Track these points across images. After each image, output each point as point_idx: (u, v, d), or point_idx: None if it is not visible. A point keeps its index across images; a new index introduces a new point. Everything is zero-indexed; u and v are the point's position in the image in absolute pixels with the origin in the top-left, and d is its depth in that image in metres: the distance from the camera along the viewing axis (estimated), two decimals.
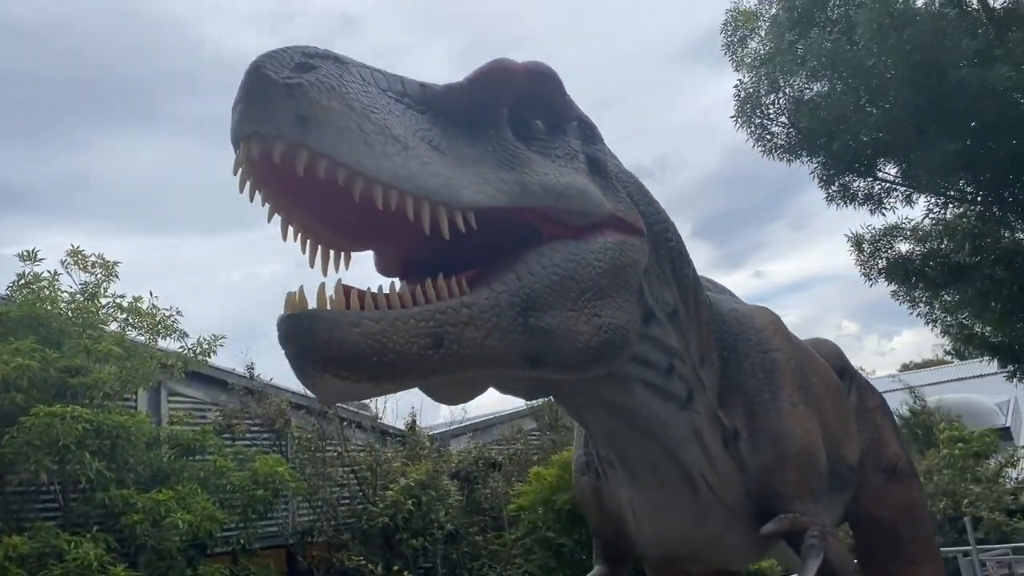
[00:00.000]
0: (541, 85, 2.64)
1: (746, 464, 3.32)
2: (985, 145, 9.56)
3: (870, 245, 12.87)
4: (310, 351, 1.94)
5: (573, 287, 2.42)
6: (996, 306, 10.49)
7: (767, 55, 10.91)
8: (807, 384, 3.68)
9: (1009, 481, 18.87)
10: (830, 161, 10.80)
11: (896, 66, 9.17)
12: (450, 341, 2.10)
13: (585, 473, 3.73)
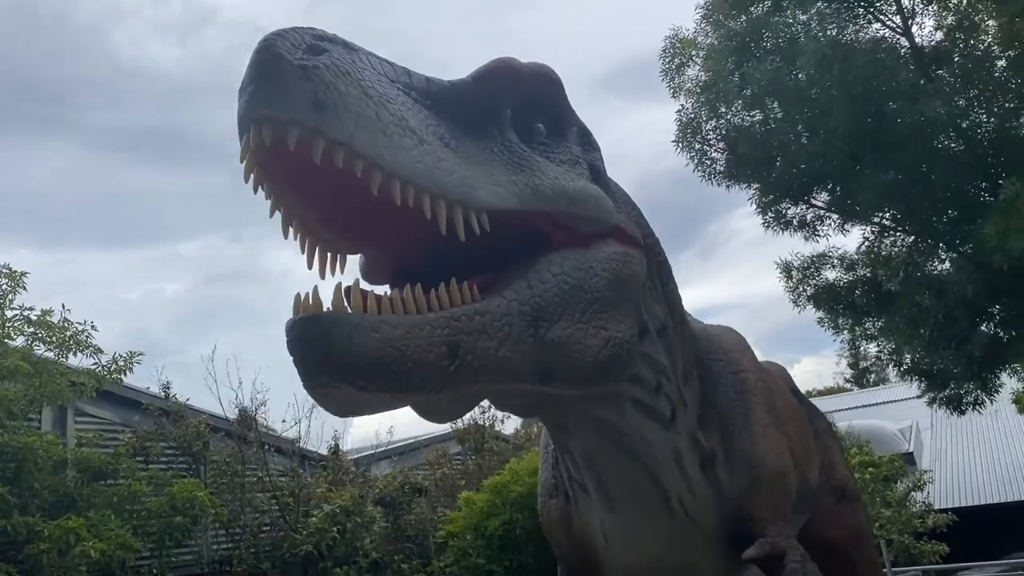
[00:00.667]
0: (544, 88, 2.56)
1: (722, 487, 3.28)
2: (918, 177, 9.91)
3: (799, 272, 13.22)
4: (327, 358, 1.78)
5: (582, 298, 2.34)
6: (924, 333, 10.85)
7: (707, 82, 11.09)
8: (774, 406, 3.67)
9: (916, 504, 19.60)
10: (767, 188, 11.02)
11: (837, 96, 9.43)
12: (464, 351, 1.97)
13: (553, 496, 3.61)
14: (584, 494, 3.35)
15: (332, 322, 1.80)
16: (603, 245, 2.51)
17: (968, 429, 27.28)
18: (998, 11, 9.87)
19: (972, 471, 26.21)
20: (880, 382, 48.34)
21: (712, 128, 11.14)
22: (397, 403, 2.04)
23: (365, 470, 15.60)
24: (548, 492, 3.66)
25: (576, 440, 2.98)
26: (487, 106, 2.31)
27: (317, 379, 1.81)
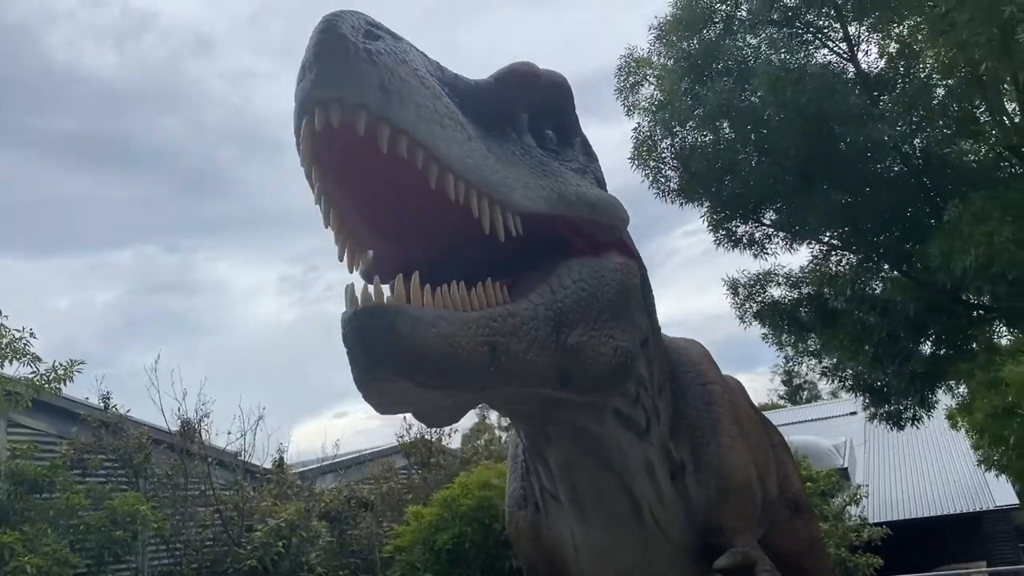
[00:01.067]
0: (557, 96, 2.60)
1: (691, 498, 3.32)
2: (865, 199, 10.22)
3: (745, 289, 13.49)
4: (389, 350, 1.75)
5: (595, 305, 2.35)
6: (868, 350, 11.15)
7: (662, 101, 11.28)
8: (739, 418, 3.73)
9: (851, 518, 20.04)
10: (718, 206, 11.24)
11: (789, 119, 9.68)
12: (500, 352, 1.97)
13: (522, 507, 3.59)
14: (555, 504, 3.33)
15: (397, 313, 1.78)
16: (611, 255, 2.55)
17: (899, 445, 28.08)
18: (937, 41, 10.25)
19: (904, 486, 26.96)
20: (813, 399, 49.40)
21: (667, 146, 11.35)
22: (446, 400, 2.02)
23: (311, 484, 15.35)
24: (517, 503, 3.64)
25: (555, 449, 2.96)
26: (506, 108, 2.32)
27: (376, 372, 1.78)
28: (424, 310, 1.82)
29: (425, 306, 1.84)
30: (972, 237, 8.40)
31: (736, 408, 3.72)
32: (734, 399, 3.81)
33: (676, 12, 12.35)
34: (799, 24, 12.07)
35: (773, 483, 4.34)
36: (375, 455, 19.09)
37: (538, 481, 3.42)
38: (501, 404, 2.68)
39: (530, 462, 3.42)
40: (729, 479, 3.34)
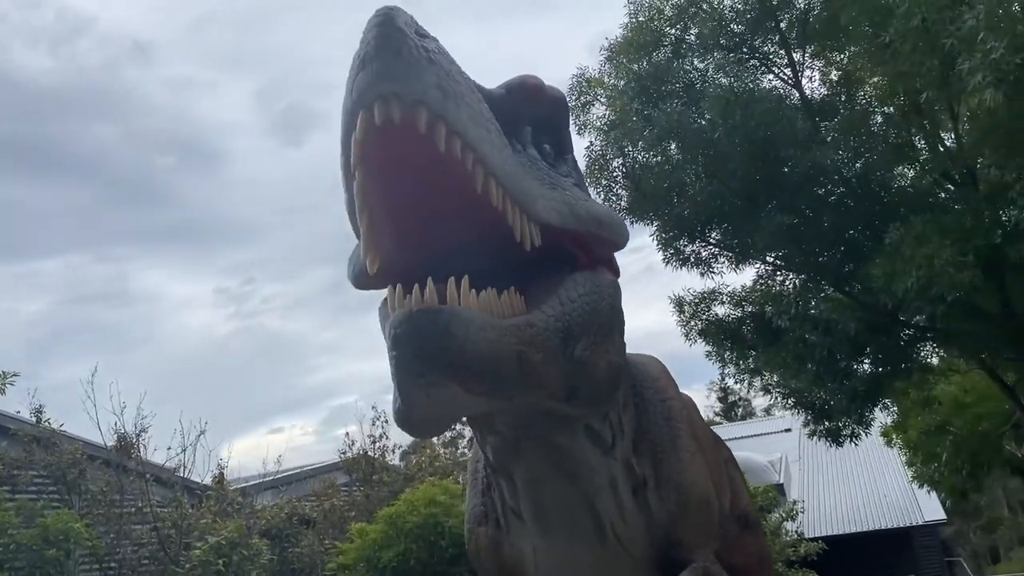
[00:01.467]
0: (558, 111, 2.63)
1: (652, 513, 3.33)
2: (809, 221, 10.50)
3: (690, 307, 13.72)
4: (444, 353, 1.72)
5: (594, 321, 2.37)
6: (811, 368, 11.42)
7: (613, 121, 11.44)
8: (697, 434, 3.78)
9: (788, 534, 20.41)
10: (668, 225, 11.42)
11: (737, 141, 9.89)
12: (524, 362, 1.96)
13: (483, 524, 3.56)
14: (517, 520, 3.32)
15: (453, 315, 1.75)
16: (603, 272, 2.57)
17: (833, 462, 28.71)
18: (878, 70, 10.62)
19: (838, 502, 27.55)
20: (748, 415, 50.20)
21: (618, 165, 11.51)
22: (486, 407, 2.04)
23: (252, 500, 15.03)
24: (477, 520, 3.61)
25: (523, 464, 2.94)
26: (513, 119, 2.32)
27: (429, 376, 1.74)
28: (475, 314, 1.80)
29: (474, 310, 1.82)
30: (913, 259, 8.69)
31: (693, 424, 3.77)
32: (691, 415, 3.86)
33: (627, 34, 12.55)
34: (745, 50, 12.38)
35: (726, 498, 4.42)
36: (316, 471, 18.82)
37: (500, 497, 3.40)
38: (504, 415, 2.63)
39: (492, 478, 3.40)
40: (689, 494, 3.37)
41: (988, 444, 13.52)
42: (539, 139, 2.52)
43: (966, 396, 14.37)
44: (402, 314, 1.77)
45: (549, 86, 2.51)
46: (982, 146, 9.26)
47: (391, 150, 1.80)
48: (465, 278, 1.87)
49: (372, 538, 12.27)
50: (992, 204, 9.55)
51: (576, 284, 2.30)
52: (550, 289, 2.22)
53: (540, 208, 2.09)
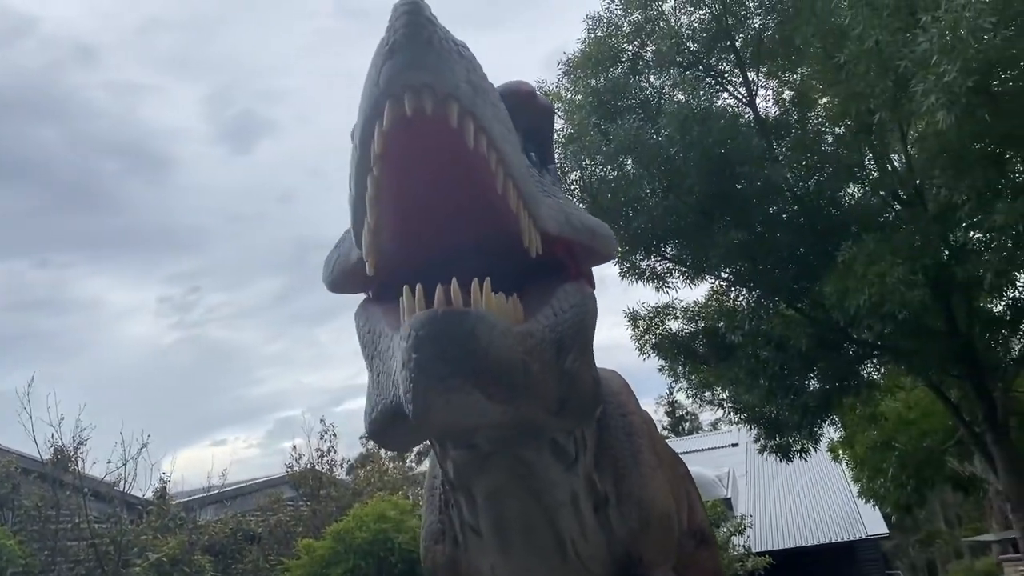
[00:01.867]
0: (545, 121, 2.60)
1: (613, 529, 3.30)
2: (763, 238, 10.62)
3: (644, 321, 13.80)
4: (467, 357, 1.66)
5: (582, 333, 2.32)
6: (763, 383, 11.53)
7: (571, 135, 11.48)
8: (657, 449, 3.77)
9: (736, 548, 20.61)
10: (624, 239, 11.46)
11: (695, 157, 9.97)
12: (528, 370, 1.90)
13: (439, 541, 3.50)
14: (476, 538, 3.26)
15: (479, 319, 1.69)
16: (585, 284, 2.54)
17: (779, 476, 29.12)
18: (831, 90, 10.81)
19: (785, 516, 27.93)
20: (695, 430, 50.70)
21: (576, 179, 11.53)
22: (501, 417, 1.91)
23: (195, 515, 14.64)
24: (434, 537, 3.55)
25: (486, 479, 2.91)
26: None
27: (450, 380, 1.67)
28: (498, 319, 1.74)
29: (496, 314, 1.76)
30: (865, 277, 8.82)
31: (654, 439, 3.74)
32: (651, 431, 3.83)
33: (585, 50, 12.63)
34: (701, 68, 12.53)
35: (684, 514, 4.40)
36: (262, 485, 18.44)
37: (458, 514, 3.32)
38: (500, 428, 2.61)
39: (451, 494, 3.33)
40: (651, 510, 3.34)
41: (932, 460, 13.80)
42: (527, 147, 2.47)
43: (910, 412, 14.66)
44: (426, 315, 1.69)
45: (540, 95, 2.47)
46: (932, 167, 9.47)
47: (412, 145, 1.72)
48: (487, 281, 1.81)
49: (320, 554, 12.03)
50: (940, 224, 9.76)
51: (567, 295, 2.25)
52: (543, 299, 2.16)
53: (544, 214, 2.04)
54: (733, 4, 12.33)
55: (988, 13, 7.44)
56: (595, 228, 2.43)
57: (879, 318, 9.26)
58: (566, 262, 2.34)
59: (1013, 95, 8.33)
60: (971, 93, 7.59)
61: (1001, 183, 8.94)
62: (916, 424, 14.38)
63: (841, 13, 9.19)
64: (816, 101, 12.32)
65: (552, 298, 2.17)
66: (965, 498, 29.16)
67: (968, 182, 8.67)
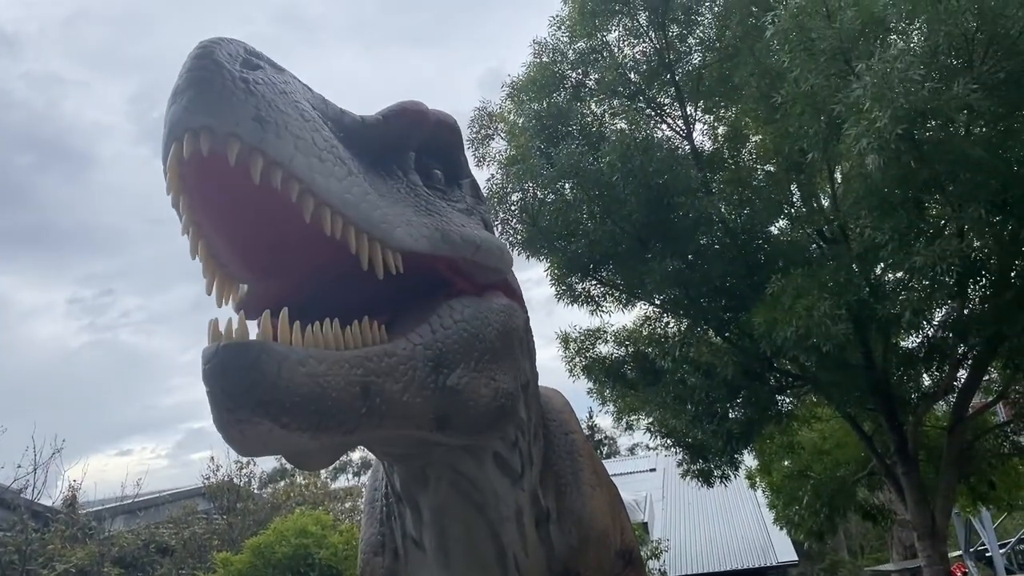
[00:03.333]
0: (446, 136, 2.64)
1: (553, 546, 3.37)
2: (696, 267, 10.91)
3: (575, 343, 13.97)
4: (252, 389, 1.67)
5: (477, 346, 2.36)
6: (690, 408, 11.79)
7: (513, 156, 11.61)
8: (597, 468, 3.86)
9: (653, 572, 20.87)
10: (561, 262, 11.61)
11: (634, 185, 10.20)
12: (374, 393, 1.92)
13: (379, 554, 3.51)
14: (418, 551, 3.27)
15: (262, 350, 1.69)
16: (494, 297, 2.56)
17: (694, 502, 29.65)
18: (766, 129, 11.21)
19: (700, 541, 28.42)
20: (612, 455, 51.18)
21: (517, 200, 11.64)
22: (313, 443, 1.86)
23: (108, 525, 14.13)
24: (373, 550, 3.54)
25: (430, 492, 2.93)
26: (393, 146, 2.32)
27: (238, 413, 1.68)
28: (292, 348, 1.75)
29: (294, 344, 1.77)
30: (793, 310, 9.14)
31: (593, 459, 3.83)
32: (591, 450, 3.92)
33: (530, 73, 12.81)
34: (642, 99, 12.84)
35: (618, 533, 4.49)
36: (176, 496, 17.93)
37: (401, 526, 3.33)
38: (377, 445, 2.59)
39: (394, 506, 3.33)
40: (590, 527, 3.40)
41: (844, 489, 14.26)
42: (428, 164, 2.51)
43: (825, 443, 15.14)
44: (210, 350, 1.73)
45: (434, 111, 2.49)
46: (858, 208, 9.88)
47: (220, 183, 1.76)
48: (284, 311, 1.82)
49: (237, 568, 11.74)
50: (862, 262, 10.19)
51: (452, 310, 2.29)
52: (421, 317, 2.19)
53: (400, 234, 2.07)
54: (675, 39, 12.72)
55: (917, 65, 7.87)
56: (479, 243, 2.45)
57: (804, 349, 9.59)
58: (452, 279, 2.39)
59: (936, 143, 8.79)
60: (899, 139, 7.99)
61: (921, 226, 9.39)
62: (830, 454, 14.86)
63: (779, 56, 9.59)
64: (749, 138, 12.75)
65: (432, 315, 2.21)
66: (873, 527, 30.10)
67: (891, 224, 9.07)
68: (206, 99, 1.68)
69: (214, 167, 1.70)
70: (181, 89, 1.70)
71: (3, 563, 11.67)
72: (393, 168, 2.29)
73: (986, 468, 13.51)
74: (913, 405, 12.42)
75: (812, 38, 9.03)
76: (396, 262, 2.01)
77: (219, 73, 1.69)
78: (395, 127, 2.30)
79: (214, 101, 1.68)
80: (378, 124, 2.25)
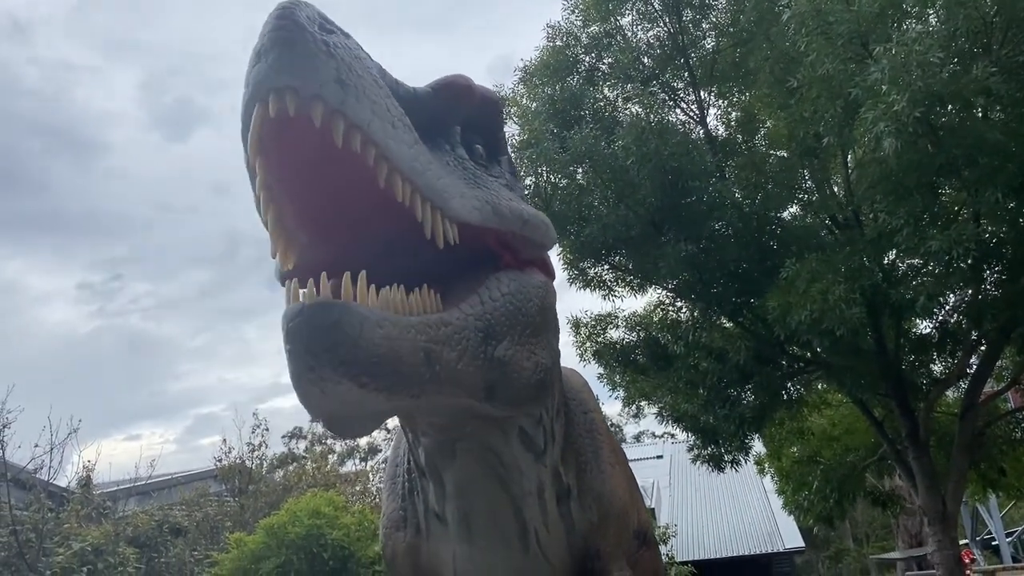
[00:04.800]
0: (490, 112, 2.68)
1: (573, 522, 3.42)
2: (710, 252, 10.93)
3: (586, 328, 14.02)
4: (335, 348, 1.70)
5: (520, 320, 2.39)
6: (702, 393, 11.83)
7: (527, 140, 11.63)
8: (616, 447, 3.90)
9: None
10: (574, 247, 11.65)
11: (649, 170, 10.21)
12: (434, 359, 1.96)
13: (400, 529, 3.56)
14: (439, 525, 3.32)
15: (345, 311, 1.73)
16: (534, 272, 2.60)
17: (701, 489, 29.77)
18: (780, 114, 11.20)
19: (707, 528, 28.53)
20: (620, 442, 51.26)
21: (530, 184, 11.66)
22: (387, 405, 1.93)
23: (123, 506, 14.28)
24: (395, 525, 3.59)
25: (456, 467, 2.97)
26: (441, 119, 2.35)
27: (320, 371, 1.71)
28: (371, 310, 1.78)
29: (371, 306, 1.80)
30: (808, 294, 9.15)
31: (611, 438, 3.87)
32: (608, 429, 3.96)
33: (543, 57, 12.81)
34: (656, 84, 12.83)
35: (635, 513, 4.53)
36: (189, 479, 18.09)
37: (423, 501, 3.38)
38: (427, 415, 2.62)
39: (417, 481, 3.38)
40: (610, 504, 3.45)
41: (854, 475, 14.32)
42: (471, 139, 2.54)
43: (835, 429, 15.19)
44: (294, 308, 1.75)
45: (480, 86, 2.52)
46: (873, 193, 9.88)
47: (297, 145, 1.78)
48: (362, 273, 1.85)
49: (251, 548, 11.85)
50: (876, 247, 10.19)
51: (500, 283, 2.32)
52: (471, 288, 2.22)
53: (457, 205, 2.10)
54: (688, 24, 12.70)
55: (936, 48, 7.85)
56: (527, 217, 2.50)
57: (818, 334, 9.62)
58: (499, 252, 2.42)
59: (952, 128, 8.78)
60: (916, 123, 7.98)
61: (936, 211, 9.38)
62: (840, 440, 14.91)
63: (795, 40, 9.57)
64: (763, 123, 12.74)
65: (481, 287, 2.24)
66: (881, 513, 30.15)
67: (906, 208, 9.07)
68: (291, 60, 1.69)
69: (287, 129, 1.73)
70: (266, 49, 1.71)
71: (20, 541, 11.80)
72: (440, 141, 2.32)
73: (997, 454, 13.55)
74: (925, 391, 12.45)
75: (829, 22, 9.01)
76: (453, 233, 2.04)
77: (302, 35, 1.70)
78: (443, 100, 2.33)
79: (298, 62, 1.69)
80: (428, 96, 2.28)
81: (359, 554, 11.54)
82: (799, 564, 35.66)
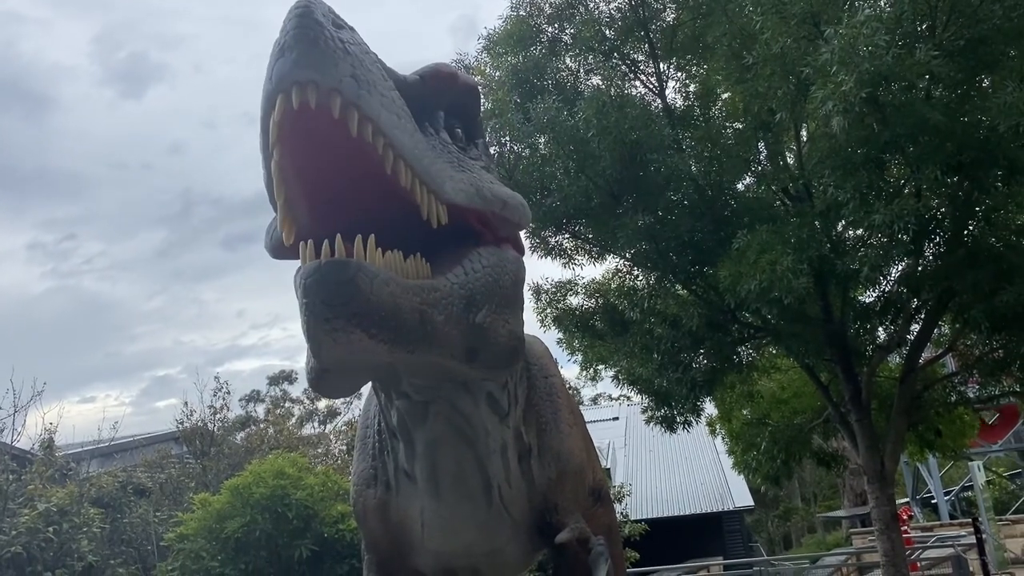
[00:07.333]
0: (470, 98, 2.91)
1: (533, 479, 3.69)
2: (667, 223, 11.25)
3: (547, 295, 14.33)
4: (349, 302, 1.93)
5: (497, 292, 2.63)
6: (657, 357, 12.23)
7: (491, 110, 11.78)
8: (574, 409, 4.22)
9: None
10: (538, 216, 11.90)
11: (609, 142, 10.45)
12: (427, 320, 2.20)
13: (371, 486, 3.76)
14: (408, 483, 3.57)
15: (359, 268, 1.95)
16: (508, 248, 2.87)
17: (655, 449, 30.47)
18: (736, 88, 11.49)
19: (660, 487, 29.28)
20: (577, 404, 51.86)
21: (493, 154, 11.79)
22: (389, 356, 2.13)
23: (87, 467, 14.35)
24: (366, 482, 3.81)
25: (427, 427, 3.19)
26: (427, 104, 2.57)
27: (334, 323, 1.93)
28: (380, 269, 2.02)
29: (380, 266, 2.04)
30: (757, 264, 9.52)
31: (570, 401, 4.18)
32: (568, 393, 4.27)
33: (507, 27, 12.92)
34: (616, 56, 13.02)
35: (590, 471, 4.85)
36: (149, 441, 18.15)
37: (393, 460, 3.63)
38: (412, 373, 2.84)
39: (387, 441, 3.64)
40: (567, 462, 3.74)
41: (800, 436, 14.86)
42: (451, 123, 2.76)
43: (783, 392, 15.70)
44: (312, 265, 1.97)
45: (463, 74, 2.78)
46: (822, 167, 10.24)
47: (308, 134, 2.01)
48: (372, 237, 2.08)
49: (216, 508, 12.05)
50: (824, 219, 10.59)
51: (480, 257, 2.57)
52: (456, 260, 2.47)
53: (448, 188, 2.33)
54: None
55: (883, 31, 8.18)
56: (506, 198, 2.75)
57: (766, 302, 10.02)
58: (480, 230, 2.67)
59: (898, 107, 9.15)
60: (863, 103, 8.34)
61: (881, 186, 9.78)
62: (788, 403, 15.43)
63: (751, 17, 9.84)
64: (719, 96, 13.02)
65: (464, 259, 2.49)
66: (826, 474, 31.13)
67: (853, 183, 9.44)
68: (312, 56, 1.89)
69: (303, 120, 1.94)
70: (289, 45, 1.91)
71: None
72: (426, 125, 2.51)
73: (933, 417, 14.14)
74: (868, 356, 12.96)
75: (784, 1, 9.31)
76: (442, 213, 2.28)
77: (321, 33, 1.91)
78: (430, 87, 2.55)
79: (319, 59, 1.90)
80: (416, 84, 2.49)
81: (323, 513, 11.81)
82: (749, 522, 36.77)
